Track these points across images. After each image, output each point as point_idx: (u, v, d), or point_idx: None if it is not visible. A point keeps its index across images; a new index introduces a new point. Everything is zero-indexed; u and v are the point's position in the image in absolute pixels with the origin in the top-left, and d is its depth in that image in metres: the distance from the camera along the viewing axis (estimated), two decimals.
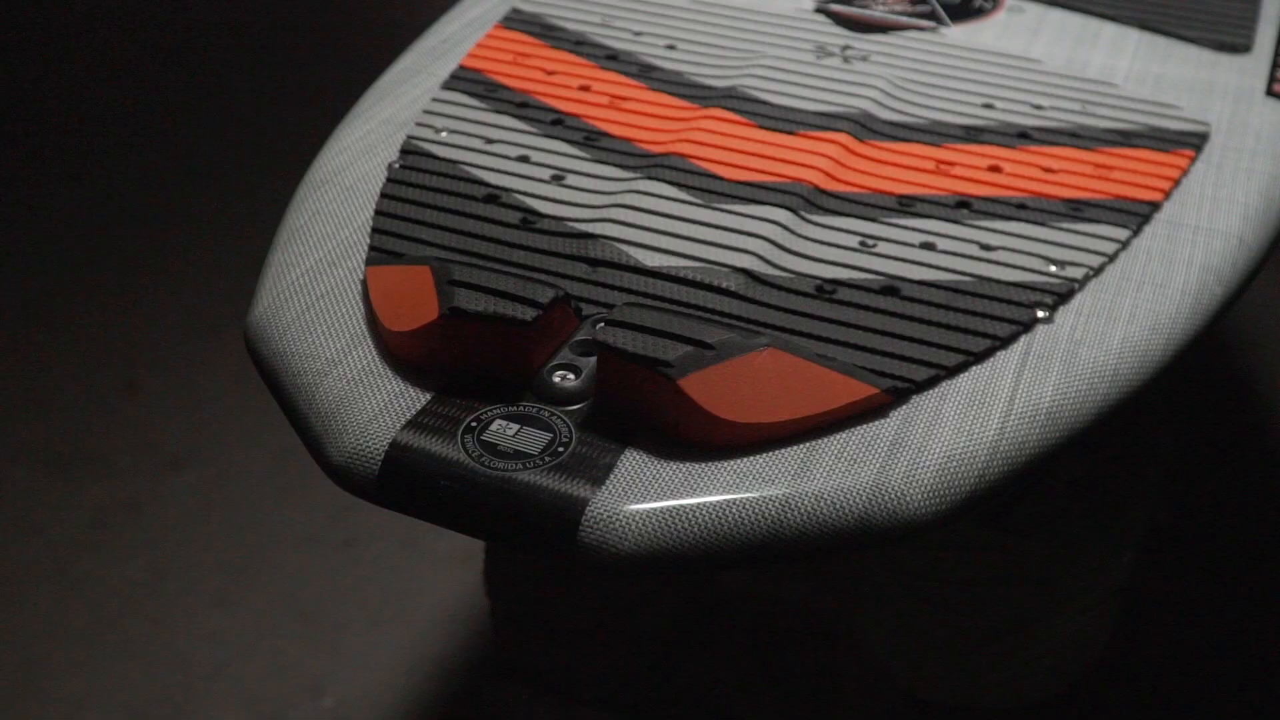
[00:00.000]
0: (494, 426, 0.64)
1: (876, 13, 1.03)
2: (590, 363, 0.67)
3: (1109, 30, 1.02)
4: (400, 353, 0.68)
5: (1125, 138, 0.88)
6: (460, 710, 1.42)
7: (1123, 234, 0.79)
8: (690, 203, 0.79)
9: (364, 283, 0.73)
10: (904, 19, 1.02)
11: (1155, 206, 0.82)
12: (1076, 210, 0.81)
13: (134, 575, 1.77)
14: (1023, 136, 0.88)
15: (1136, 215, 0.81)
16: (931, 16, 1.03)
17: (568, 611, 0.99)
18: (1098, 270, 0.76)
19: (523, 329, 0.66)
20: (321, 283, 0.74)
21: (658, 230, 0.77)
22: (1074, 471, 0.85)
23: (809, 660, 0.93)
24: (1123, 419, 0.71)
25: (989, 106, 0.91)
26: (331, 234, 0.78)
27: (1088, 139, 0.88)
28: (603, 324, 0.65)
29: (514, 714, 1.03)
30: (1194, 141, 0.88)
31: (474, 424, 0.64)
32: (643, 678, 0.99)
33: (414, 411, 0.65)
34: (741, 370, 0.64)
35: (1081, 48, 1.00)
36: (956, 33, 1.01)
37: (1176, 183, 0.84)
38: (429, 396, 0.66)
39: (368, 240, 0.77)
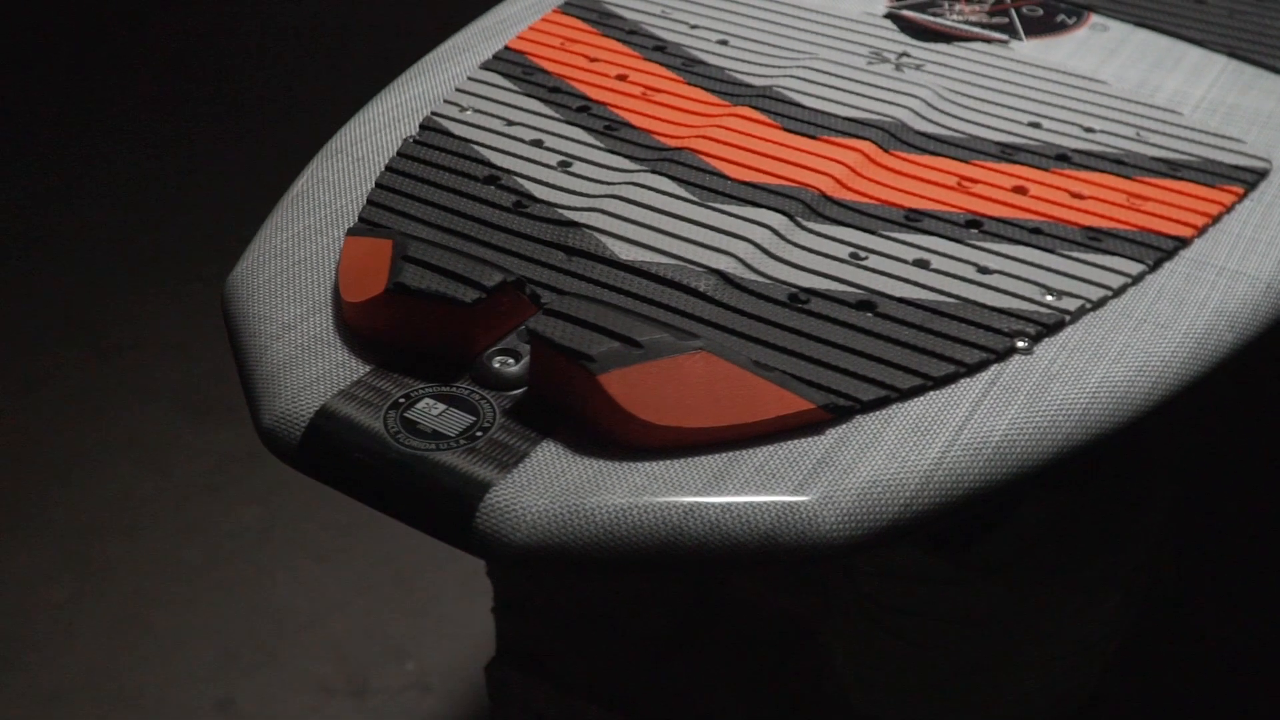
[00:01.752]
0: (421, 405, 0.64)
1: (948, 21, 0.99)
2: None
3: (1194, 55, 0.97)
4: (352, 324, 0.69)
5: (1172, 168, 0.84)
6: None
7: (1136, 268, 0.75)
8: (687, 200, 0.78)
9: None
10: (974, 29, 0.98)
11: (1182, 243, 0.77)
12: (1094, 239, 0.77)
13: (246, 522, 1.84)
14: (1061, 159, 0.84)
15: (1157, 250, 0.76)
16: (1006, 29, 0.99)
17: (566, 603, 0.99)
18: (1097, 304, 0.72)
19: (463, 310, 0.66)
20: (304, 248, 0.75)
21: (645, 225, 0.76)
22: (1041, 512, 0.81)
23: (800, 666, 0.91)
24: (1096, 461, 0.68)
25: (1035, 125, 0.87)
26: (329, 201, 0.79)
27: (1131, 167, 0.84)
28: (540, 313, 0.65)
29: (512, 697, 1.04)
30: (1247, 178, 0.83)
31: (402, 400, 0.65)
32: (636, 675, 0.98)
33: (349, 382, 0.66)
34: (668, 371, 0.63)
35: (1158, 71, 0.95)
36: (1027, 47, 0.97)
37: (1215, 220, 0.80)
38: (368, 369, 0.67)
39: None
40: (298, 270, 0.73)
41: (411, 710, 1.65)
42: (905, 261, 0.74)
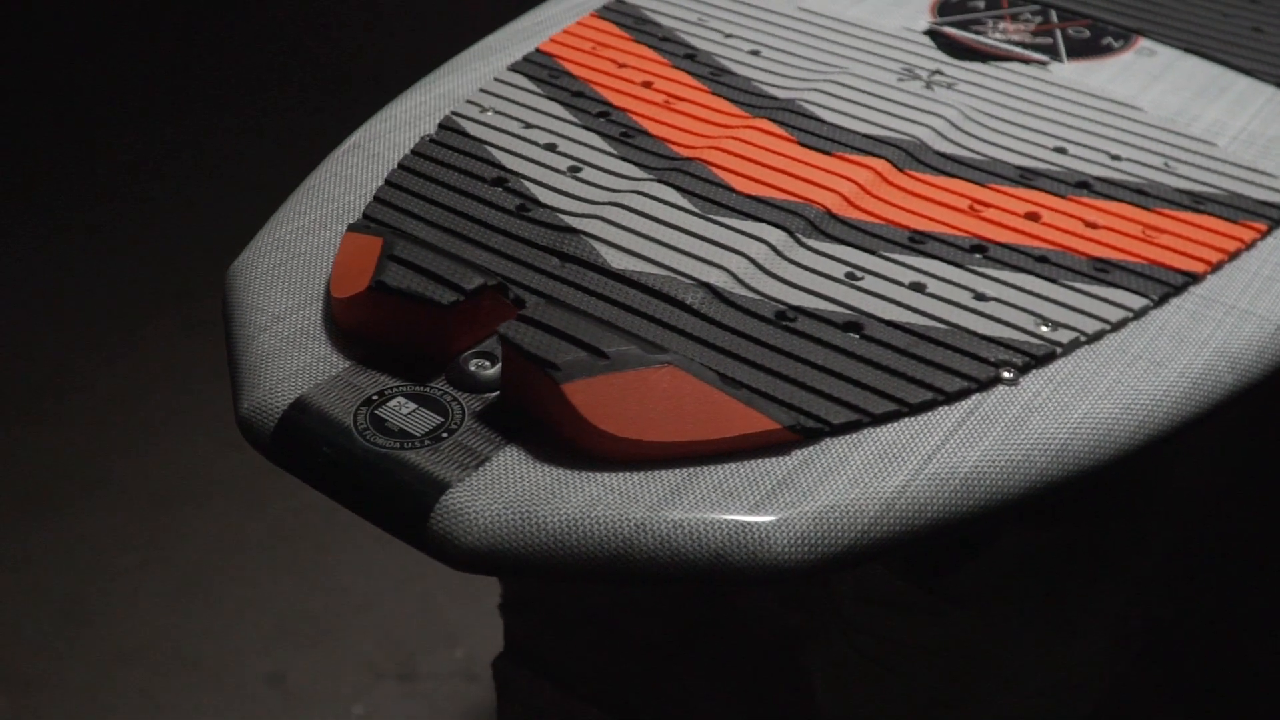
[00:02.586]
0: (393, 403, 0.65)
1: (988, 40, 0.98)
2: None
3: (1241, 85, 0.94)
4: (338, 319, 0.70)
5: (1196, 201, 0.81)
6: None
7: (1139, 303, 0.73)
8: (689, 211, 0.78)
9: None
10: (1014, 49, 0.96)
11: (1193, 279, 0.75)
12: (1101, 271, 0.75)
13: (312, 502, 1.87)
14: (1081, 186, 0.82)
15: (1165, 285, 0.74)
16: (1048, 50, 0.97)
17: (570, 605, 0.99)
18: (1092, 337, 0.71)
19: (440, 311, 0.66)
20: (306, 241, 0.76)
21: (643, 234, 0.76)
22: (1020, 546, 0.79)
23: (799, 681, 0.91)
24: (1084, 498, 0.67)
25: (1060, 151, 0.86)
26: (338, 196, 0.80)
27: (1153, 198, 0.82)
28: (512, 319, 0.65)
29: (516, 693, 1.05)
30: (1273, 215, 0.81)
31: (375, 397, 0.66)
32: (636, 681, 0.98)
33: (327, 377, 0.67)
34: (634, 384, 0.63)
35: (1199, 100, 0.92)
36: (1066, 69, 0.95)
37: (1232, 256, 0.77)
38: (348, 364, 0.68)
39: None
40: (296, 263, 0.75)
41: (456, 697, 1.67)
42: (901, 284, 0.73)
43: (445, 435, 0.64)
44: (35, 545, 1.81)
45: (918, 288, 0.73)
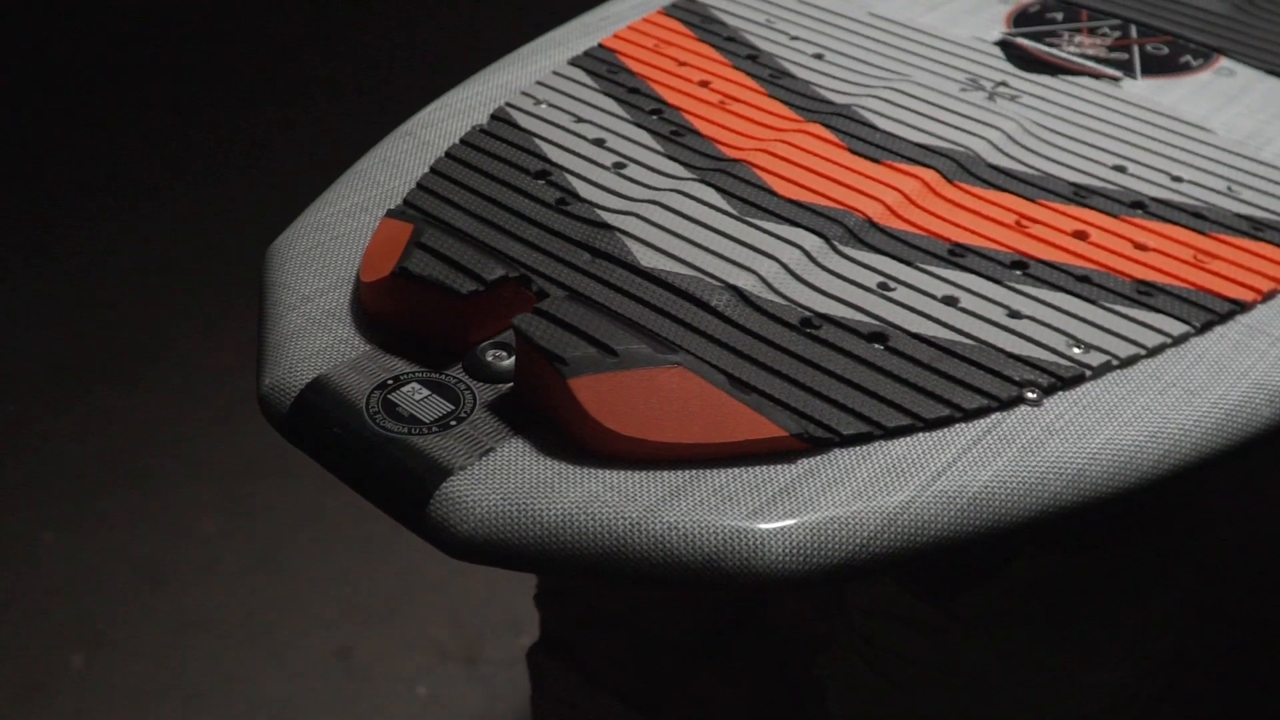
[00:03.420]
0: (407, 388, 0.66)
1: (1061, 53, 0.95)
2: None
3: None
4: (364, 303, 0.71)
5: (1255, 227, 0.79)
6: None
7: (1179, 329, 0.71)
8: (726, 213, 0.77)
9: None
10: (1086, 63, 0.94)
11: (1241, 307, 0.73)
12: (1144, 294, 0.73)
13: None
14: (1136, 206, 0.80)
15: (1210, 312, 0.72)
16: (1123, 66, 0.95)
17: (602, 602, 0.99)
18: (1125, 362, 0.69)
19: (459, 300, 0.67)
20: (345, 224, 0.77)
21: (677, 234, 0.75)
22: (1036, 570, 0.77)
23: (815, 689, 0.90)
24: (1108, 526, 0.65)
25: (1120, 169, 0.83)
26: (383, 181, 0.81)
27: (1210, 222, 0.79)
28: (528, 312, 0.65)
29: (548, 683, 1.05)
30: None
31: (390, 382, 0.66)
32: (663, 683, 0.98)
33: (347, 359, 0.68)
34: (641, 383, 0.63)
35: (1275, 124, 0.89)
36: (1139, 87, 0.93)
37: None
38: (369, 348, 0.69)
39: None
40: (334, 245, 0.76)
41: (518, 682, 1.68)
42: (934, 297, 0.72)
43: (454, 424, 0.64)
44: (119, 508, 1.86)
45: (950, 301, 0.72)
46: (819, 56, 0.94)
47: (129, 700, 1.64)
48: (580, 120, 0.86)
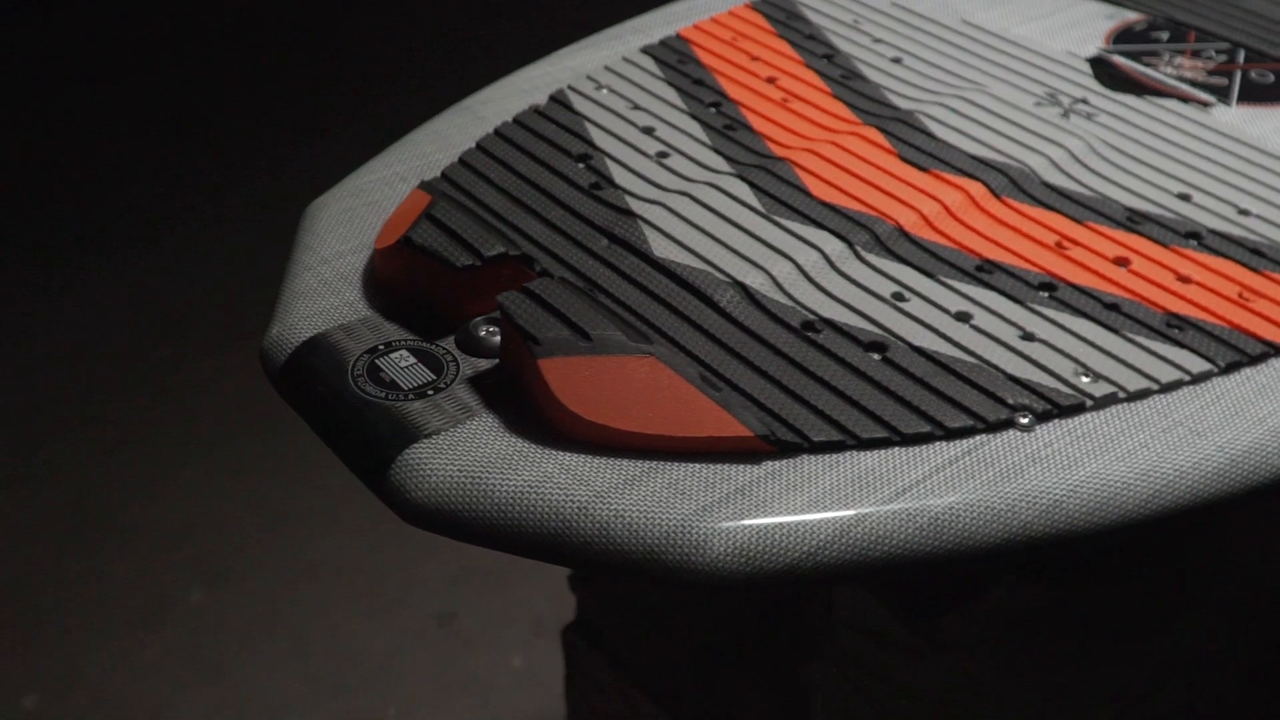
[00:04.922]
0: (394, 355, 0.67)
1: (1156, 74, 0.91)
2: None
3: None
4: (375, 269, 0.72)
5: None
6: None
7: (1201, 366, 0.68)
8: (754, 210, 0.76)
9: None
10: (1178, 85, 0.90)
11: (1275, 350, 0.69)
12: (1173, 328, 0.70)
13: None
14: (1191, 236, 0.77)
15: (1240, 353, 0.69)
16: (1219, 91, 0.90)
17: (631, 592, 0.99)
18: (1133, 396, 0.66)
19: (454, 273, 0.68)
20: (381, 191, 0.79)
21: (699, 227, 0.75)
22: (1014, 602, 0.73)
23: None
24: (1079, 561, 0.63)
25: (1184, 198, 0.80)
26: (428, 154, 0.82)
27: (1267, 260, 0.75)
28: (513, 290, 0.66)
29: (580, 664, 1.05)
30: None
31: (381, 347, 0.68)
32: (685, 677, 0.97)
33: (345, 321, 0.69)
34: (611, 370, 0.63)
35: None
36: (1230, 114, 0.88)
37: None
38: (370, 313, 0.70)
39: None
40: (365, 210, 0.77)
41: None
42: (947, 312, 0.70)
43: (431, 393, 0.65)
44: (251, 453, 1.93)
45: (963, 317, 0.70)
46: (897, 60, 0.92)
47: (239, 637, 1.71)
48: (636, 108, 0.86)
